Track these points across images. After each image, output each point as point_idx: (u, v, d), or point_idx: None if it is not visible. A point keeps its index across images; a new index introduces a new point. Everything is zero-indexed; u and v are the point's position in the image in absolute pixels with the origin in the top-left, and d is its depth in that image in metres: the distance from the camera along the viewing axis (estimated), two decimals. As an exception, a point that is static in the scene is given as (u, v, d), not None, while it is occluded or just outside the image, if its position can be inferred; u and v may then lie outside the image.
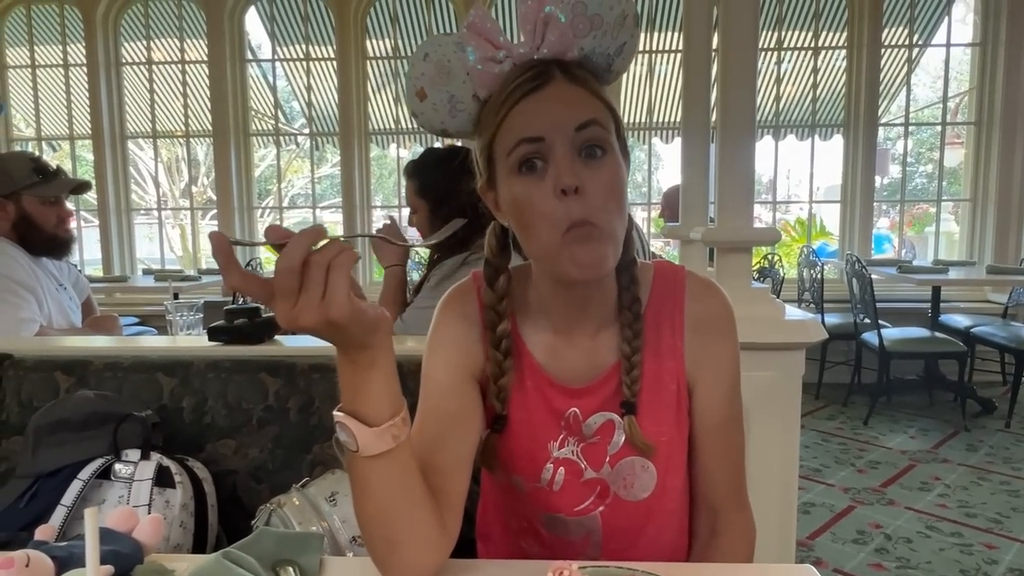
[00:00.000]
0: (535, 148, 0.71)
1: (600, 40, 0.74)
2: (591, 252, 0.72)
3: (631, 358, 0.81)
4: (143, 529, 0.76)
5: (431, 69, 0.76)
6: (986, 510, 2.69)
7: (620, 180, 0.74)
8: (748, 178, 1.51)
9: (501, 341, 0.81)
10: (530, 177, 0.72)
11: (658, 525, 0.86)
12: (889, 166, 6.11)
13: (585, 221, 0.70)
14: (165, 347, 1.43)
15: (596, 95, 0.74)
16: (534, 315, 0.85)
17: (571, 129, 0.71)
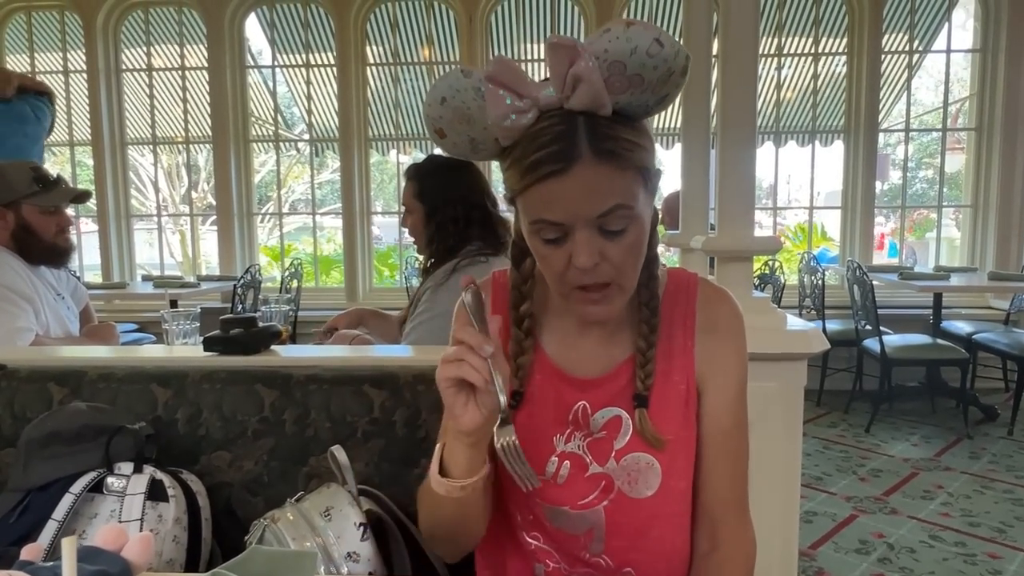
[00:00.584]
0: (554, 228, 0.73)
1: (639, 96, 0.70)
2: (598, 310, 0.77)
3: (646, 352, 0.82)
4: (132, 547, 0.75)
5: (449, 113, 0.73)
6: (990, 519, 2.67)
7: (641, 241, 0.76)
8: (749, 186, 1.50)
9: (523, 320, 0.85)
10: (549, 244, 0.74)
11: (662, 528, 0.85)
12: (889, 171, 6.10)
13: (597, 285, 0.74)
14: (160, 357, 1.42)
15: (627, 167, 0.71)
16: (551, 312, 0.88)
17: (593, 216, 0.71)
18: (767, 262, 4.16)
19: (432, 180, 1.75)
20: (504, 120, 0.70)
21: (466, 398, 0.71)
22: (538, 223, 0.73)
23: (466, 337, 0.69)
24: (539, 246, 0.75)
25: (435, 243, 1.74)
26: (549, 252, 0.75)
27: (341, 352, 1.41)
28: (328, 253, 6.98)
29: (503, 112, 0.69)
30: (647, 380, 0.82)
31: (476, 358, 0.69)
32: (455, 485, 0.75)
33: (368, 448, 1.22)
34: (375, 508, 1.07)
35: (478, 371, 0.69)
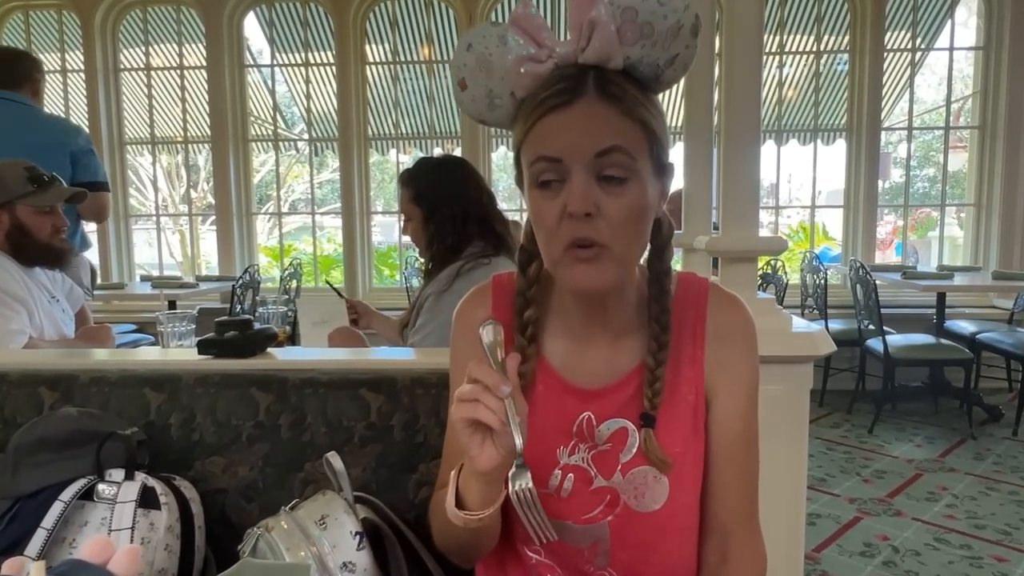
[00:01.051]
0: (552, 168, 0.71)
1: (649, 50, 0.71)
2: (589, 272, 0.72)
3: (655, 371, 0.79)
4: (119, 561, 0.72)
5: (472, 60, 0.75)
6: (995, 521, 2.65)
7: (641, 206, 0.73)
8: (753, 185, 1.47)
9: (527, 327, 0.82)
10: (546, 192, 0.72)
11: (670, 542, 0.82)
12: (891, 170, 6.07)
13: (590, 241, 0.71)
14: (153, 361, 1.40)
15: (630, 114, 0.71)
16: (554, 320, 0.85)
17: (590, 155, 0.70)
18: (769, 261, 4.13)
19: (426, 181, 1.74)
20: (520, 66, 0.71)
21: (482, 438, 0.69)
22: (537, 163, 0.72)
23: (482, 376, 0.66)
24: (535, 198, 0.73)
25: (435, 243, 1.72)
26: (544, 204, 0.72)
27: (338, 355, 1.38)
28: (328, 253, 6.96)
29: (520, 58, 0.71)
30: (655, 399, 0.79)
31: (492, 399, 0.66)
32: (473, 518, 0.73)
33: (365, 453, 1.20)
34: (372, 516, 1.05)
35: (495, 412, 0.66)
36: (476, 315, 0.87)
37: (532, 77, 0.72)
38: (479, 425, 0.67)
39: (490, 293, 0.89)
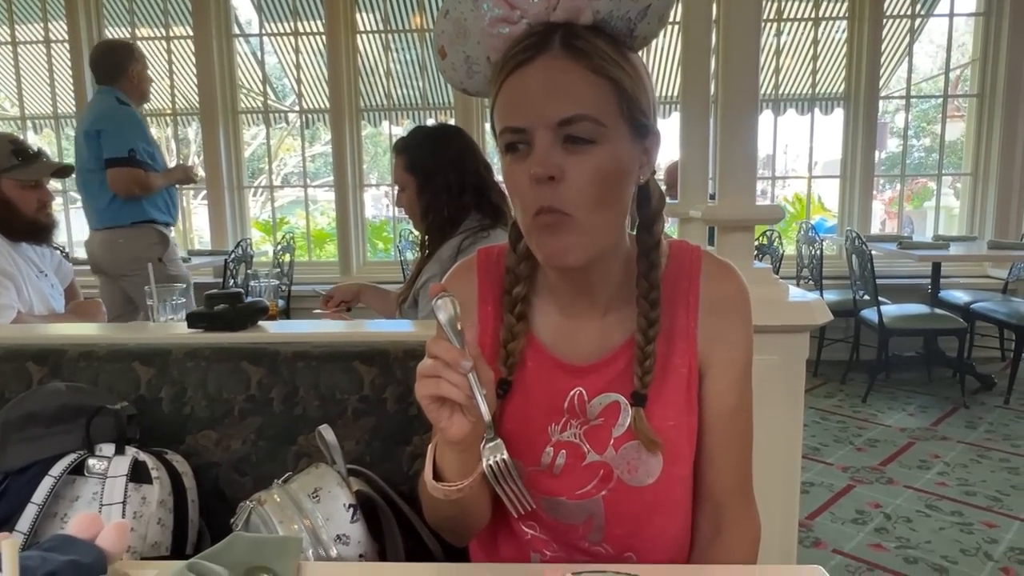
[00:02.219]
0: (518, 136, 0.70)
1: (618, 3, 0.69)
2: (554, 242, 0.71)
3: (645, 348, 0.77)
4: (107, 536, 0.71)
5: (450, 27, 0.74)
6: (986, 488, 2.68)
7: (612, 170, 0.70)
8: (750, 153, 1.45)
9: (516, 304, 0.81)
10: (516, 156, 0.71)
11: (663, 515, 0.82)
12: (887, 140, 6.02)
13: (553, 209, 0.69)
14: (142, 335, 1.38)
15: (598, 71, 0.69)
16: (543, 295, 0.83)
17: (553, 122, 0.68)
18: (765, 232, 4.11)
19: (421, 149, 1.69)
20: (493, 28, 0.70)
21: (450, 411, 0.67)
22: (504, 133, 0.71)
23: (441, 353, 0.65)
24: (506, 163, 0.72)
25: (431, 214, 1.68)
26: (513, 169, 0.71)
27: (330, 328, 1.37)
28: (322, 227, 6.91)
29: (493, 20, 0.70)
30: (645, 377, 0.77)
31: (454, 374, 0.64)
32: (451, 489, 0.72)
33: (359, 426, 1.19)
34: (366, 488, 1.04)
35: (458, 387, 0.65)
36: (462, 290, 0.84)
37: (504, 39, 0.71)
38: (444, 399, 0.66)
39: (475, 268, 0.87)
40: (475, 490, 0.73)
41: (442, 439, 0.70)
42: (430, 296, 0.68)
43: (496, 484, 0.69)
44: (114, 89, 2.90)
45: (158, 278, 2.78)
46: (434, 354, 0.65)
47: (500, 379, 0.81)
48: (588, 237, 0.71)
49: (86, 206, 2.96)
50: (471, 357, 0.64)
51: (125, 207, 2.85)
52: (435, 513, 0.81)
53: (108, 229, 2.89)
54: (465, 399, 0.65)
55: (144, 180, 2.84)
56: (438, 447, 0.73)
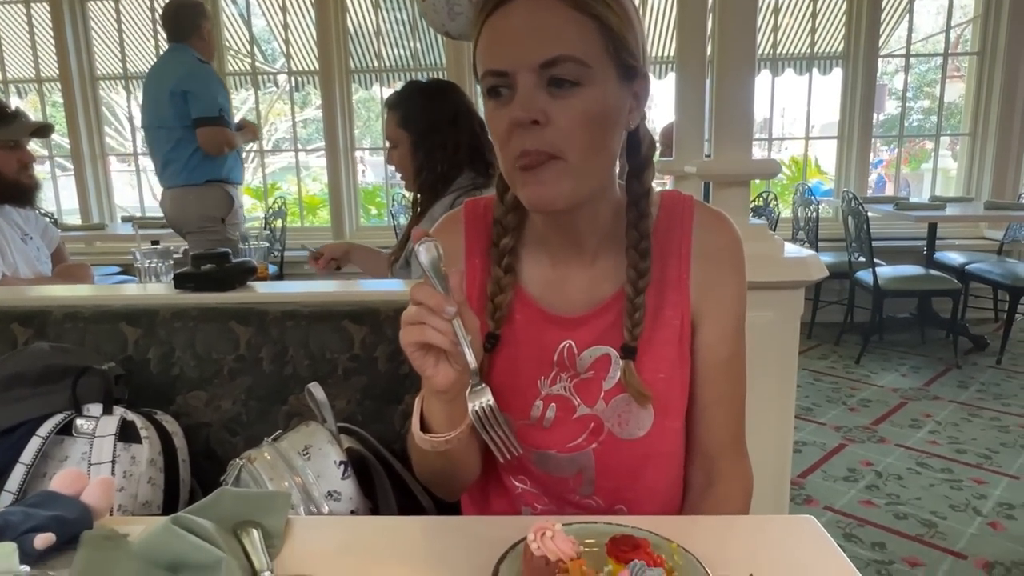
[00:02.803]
0: (500, 80, 0.67)
1: None
2: (539, 185, 0.68)
3: (635, 300, 0.76)
4: (92, 491, 0.70)
5: None
6: (976, 446, 2.71)
7: (599, 112, 0.68)
8: (747, 108, 1.42)
9: (503, 256, 0.79)
10: (498, 101, 0.68)
11: (655, 468, 0.81)
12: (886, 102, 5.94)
13: (539, 152, 0.66)
14: (128, 295, 1.36)
15: (582, 8, 0.66)
16: (531, 246, 0.81)
17: (535, 64, 0.65)
18: (761, 194, 4.08)
19: (416, 104, 1.64)
20: None
21: (435, 359, 0.66)
22: (486, 77, 0.68)
23: (425, 298, 0.63)
24: (488, 109, 0.70)
25: (424, 172, 1.63)
26: (495, 114, 0.68)
27: (319, 287, 1.35)
28: (315, 193, 6.84)
29: None
30: (635, 329, 0.76)
31: (438, 320, 0.63)
32: (439, 440, 0.71)
33: (349, 385, 1.18)
34: (357, 446, 1.04)
35: (442, 333, 0.63)
36: (449, 243, 0.82)
37: None
38: (429, 347, 0.65)
39: (462, 220, 0.85)
40: (463, 442, 0.72)
41: (428, 389, 0.69)
42: (413, 241, 0.66)
43: (482, 430, 0.68)
44: (188, 47, 2.92)
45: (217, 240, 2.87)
46: (418, 300, 0.63)
47: (487, 333, 0.79)
48: (575, 180, 0.68)
49: (161, 164, 2.99)
50: (455, 303, 0.63)
51: (201, 166, 2.91)
52: (424, 467, 0.80)
53: (182, 187, 2.94)
54: (450, 346, 0.63)
55: (232, 139, 2.94)
56: (425, 398, 0.72)
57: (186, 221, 2.98)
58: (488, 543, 0.65)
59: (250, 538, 0.66)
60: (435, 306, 0.62)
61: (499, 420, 0.68)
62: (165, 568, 0.60)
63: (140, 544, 0.62)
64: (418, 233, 0.65)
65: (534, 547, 0.59)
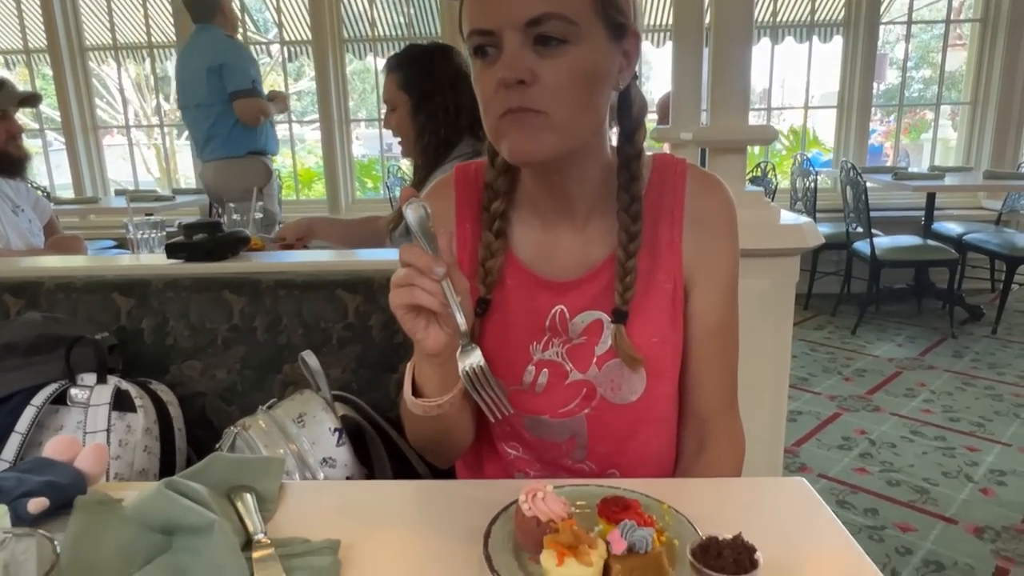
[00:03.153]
0: (486, 39, 0.66)
1: None
2: (521, 136, 0.67)
3: (626, 263, 0.75)
4: (85, 458, 0.71)
5: None
6: (969, 414, 2.73)
7: (587, 71, 0.67)
8: (744, 73, 1.40)
9: (494, 221, 0.78)
10: (485, 61, 0.67)
11: (647, 432, 0.82)
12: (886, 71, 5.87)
13: (525, 108, 0.66)
14: (120, 265, 1.35)
15: None
16: (522, 211, 0.80)
17: (521, 23, 0.64)
18: (759, 164, 4.06)
19: (416, 67, 1.59)
20: None
21: (425, 321, 0.66)
22: (472, 36, 0.67)
23: (413, 259, 0.62)
24: (476, 68, 0.69)
25: (425, 136, 1.57)
26: (482, 73, 0.67)
27: (312, 257, 1.34)
28: (310, 166, 6.78)
29: None
30: (626, 293, 0.75)
31: (427, 281, 0.62)
32: (431, 404, 0.71)
33: (344, 354, 1.18)
34: (352, 414, 1.04)
35: (432, 295, 0.62)
36: (440, 208, 0.82)
37: None
38: (419, 309, 0.64)
39: (453, 184, 0.84)
40: (456, 407, 0.72)
41: (420, 353, 0.69)
42: (400, 202, 0.65)
43: (473, 391, 0.68)
44: (213, 25, 3.06)
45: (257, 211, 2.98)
46: (407, 261, 0.63)
47: (479, 298, 0.79)
48: (557, 135, 0.67)
49: (204, 140, 3.12)
50: (444, 263, 0.62)
51: (241, 138, 3.07)
52: (418, 432, 0.80)
53: (224, 160, 3.10)
54: (440, 307, 0.63)
55: (266, 108, 3.10)
56: (416, 362, 0.71)
57: (228, 192, 3.08)
58: (481, 505, 0.65)
59: (243, 502, 0.67)
60: (424, 267, 0.62)
61: (490, 381, 0.68)
62: (158, 531, 0.60)
63: (133, 508, 0.62)
64: (406, 193, 0.64)
65: (525, 508, 0.59)
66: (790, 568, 0.58)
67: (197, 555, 0.57)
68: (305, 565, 0.57)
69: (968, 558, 1.83)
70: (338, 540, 0.61)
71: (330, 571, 0.57)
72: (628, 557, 0.55)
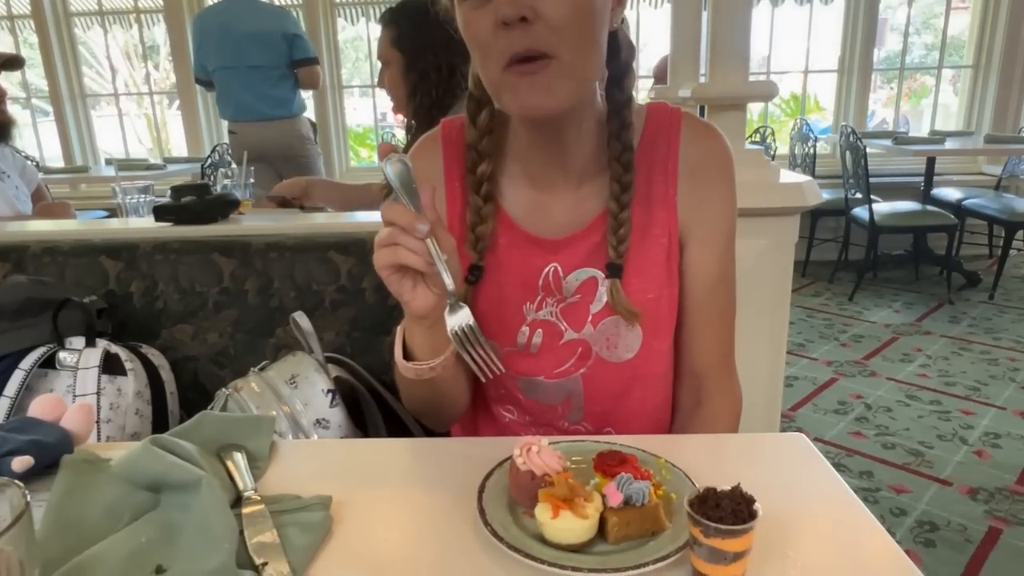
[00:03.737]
0: None
1: None
2: (536, 89, 0.63)
3: (619, 215, 0.73)
4: (71, 417, 0.69)
5: None
6: (965, 379, 2.73)
7: (587, 4, 0.62)
8: (744, 31, 1.36)
9: (481, 184, 0.75)
10: (471, 3, 0.63)
11: (643, 389, 0.80)
12: (887, 36, 5.78)
13: (533, 52, 0.61)
14: (107, 229, 1.32)
15: None
16: (512, 167, 0.77)
17: None
18: (758, 129, 4.01)
19: (411, 23, 1.53)
20: None
21: (412, 282, 0.63)
22: None
23: (396, 217, 0.59)
24: (463, 11, 0.64)
25: (417, 96, 1.53)
26: (473, 15, 0.63)
27: (303, 219, 1.32)
28: (303, 135, 6.68)
29: None
30: (620, 246, 0.73)
31: (411, 240, 0.59)
32: (423, 368, 0.69)
33: (337, 317, 1.16)
34: (346, 376, 1.03)
35: (416, 253, 0.60)
36: (427, 167, 0.79)
37: None
38: (405, 269, 0.62)
39: (440, 140, 0.80)
40: (449, 370, 0.71)
41: (409, 315, 0.67)
42: (379, 156, 0.62)
43: (463, 350, 0.66)
44: None
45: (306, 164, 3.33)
46: (389, 220, 0.60)
47: (471, 264, 0.77)
48: (572, 80, 0.64)
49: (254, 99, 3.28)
50: (428, 220, 0.59)
51: (295, 100, 3.35)
52: (412, 396, 0.79)
53: (285, 119, 3.32)
54: (425, 266, 0.61)
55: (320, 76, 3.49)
56: (406, 325, 0.70)
57: (293, 147, 3.33)
58: (475, 462, 0.64)
59: (233, 460, 0.65)
60: (406, 225, 0.59)
61: (480, 340, 0.66)
62: (145, 488, 0.59)
63: (119, 465, 0.61)
64: (384, 148, 0.61)
65: (520, 462, 0.58)
66: (789, 520, 0.57)
67: (185, 511, 0.56)
68: (296, 521, 0.56)
69: (961, 518, 1.85)
70: (330, 496, 0.60)
71: (321, 526, 0.56)
72: (624, 510, 0.54)
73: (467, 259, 0.77)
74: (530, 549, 0.53)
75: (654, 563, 0.51)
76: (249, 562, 0.52)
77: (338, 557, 0.55)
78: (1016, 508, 1.89)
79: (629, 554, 0.53)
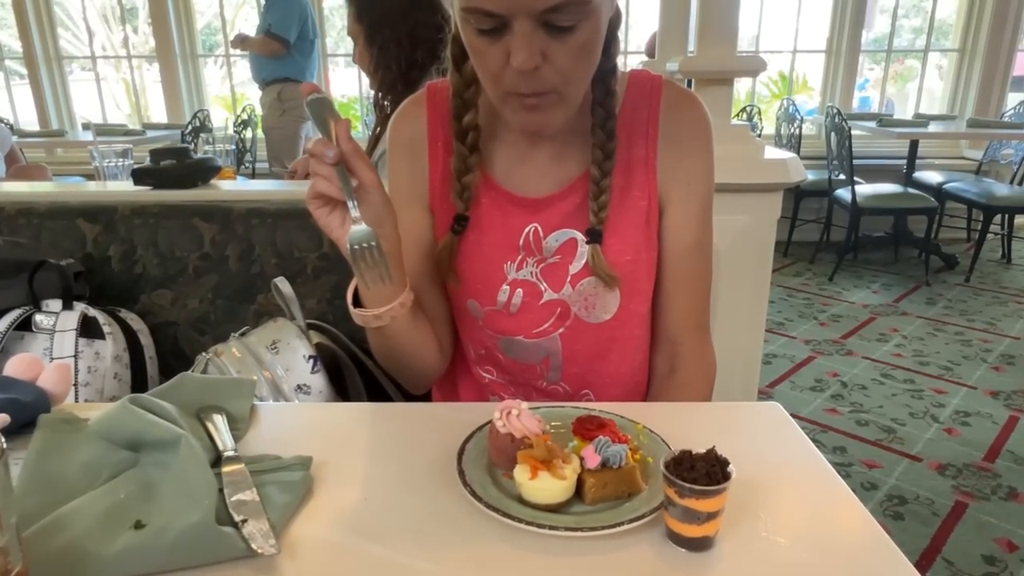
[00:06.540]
0: (491, 21, 0.61)
1: None
2: (535, 119, 0.67)
3: (600, 181, 0.73)
4: (48, 377, 0.69)
5: None
6: (939, 359, 2.79)
7: (594, 43, 0.65)
8: (732, 5, 1.35)
9: (467, 133, 0.75)
10: (488, 37, 0.63)
11: (620, 352, 0.82)
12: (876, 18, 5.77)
13: (539, 92, 0.64)
14: (84, 191, 1.30)
15: None
16: (495, 125, 0.78)
17: (536, 11, 0.59)
18: (745, 108, 4.01)
19: None
20: None
21: (341, 217, 0.64)
22: (473, 14, 0.61)
23: (310, 147, 0.61)
24: (472, 38, 0.64)
25: (380, 70, 1.52)
26: (483, 46, 0.63)
27: (284, 184, 1.30)
28: (287, 105, 6.56)
29: None
30: (601, 213, 0.74)
31: (323, 167, 0.61)
32: (370, 315, 0.70)
33: (319, 284, 1.16)
34: (327, 342, 1.03)
35: (328, 180, 0.61)
36: (411, 129, 0.80)
37: None
38: (333, 203, 0.64)
39: (425, 103, 0.80)
40: (402, 323, 0.71)
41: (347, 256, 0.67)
42: (302, 94, 0.64)
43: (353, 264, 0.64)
44: None
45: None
46: (309, 151, 0.62)
47: (457, 215, 0.77)
48: (568, 105, 0.68)
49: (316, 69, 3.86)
50: (336, 148, 0.60)
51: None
52: (377, 349, 0.79)
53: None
54: (337, 193, 0.61)
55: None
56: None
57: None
58: (455, 426, 0.65)
59: (213, 422, 0.65)
60: (318, 152, 0.60)
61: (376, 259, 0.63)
62: (123, 446, 0.59)
63: (97, 424, 0.61)
64: (306, 87, 0.63)
65: (499, 424, 0.59)
66: (762, 484, 0.59)
67: (164, 469, 0.56)
68: (276, 480, 0.56)
69: (929, 493, 1.90)
70: (310, 457, 0.61)
71: (301, 486, 0.57)
72: (601, 472, 0.55)
73: (454, 209, 0.77)
74: (508, 509, 0.53)
75: (629, 523, 0.52)
76: (229, 519, 0.52)
77: (318, 516, 0.55)
78: (982, 483, 1.94)
79: (605, 514, 0.54)
